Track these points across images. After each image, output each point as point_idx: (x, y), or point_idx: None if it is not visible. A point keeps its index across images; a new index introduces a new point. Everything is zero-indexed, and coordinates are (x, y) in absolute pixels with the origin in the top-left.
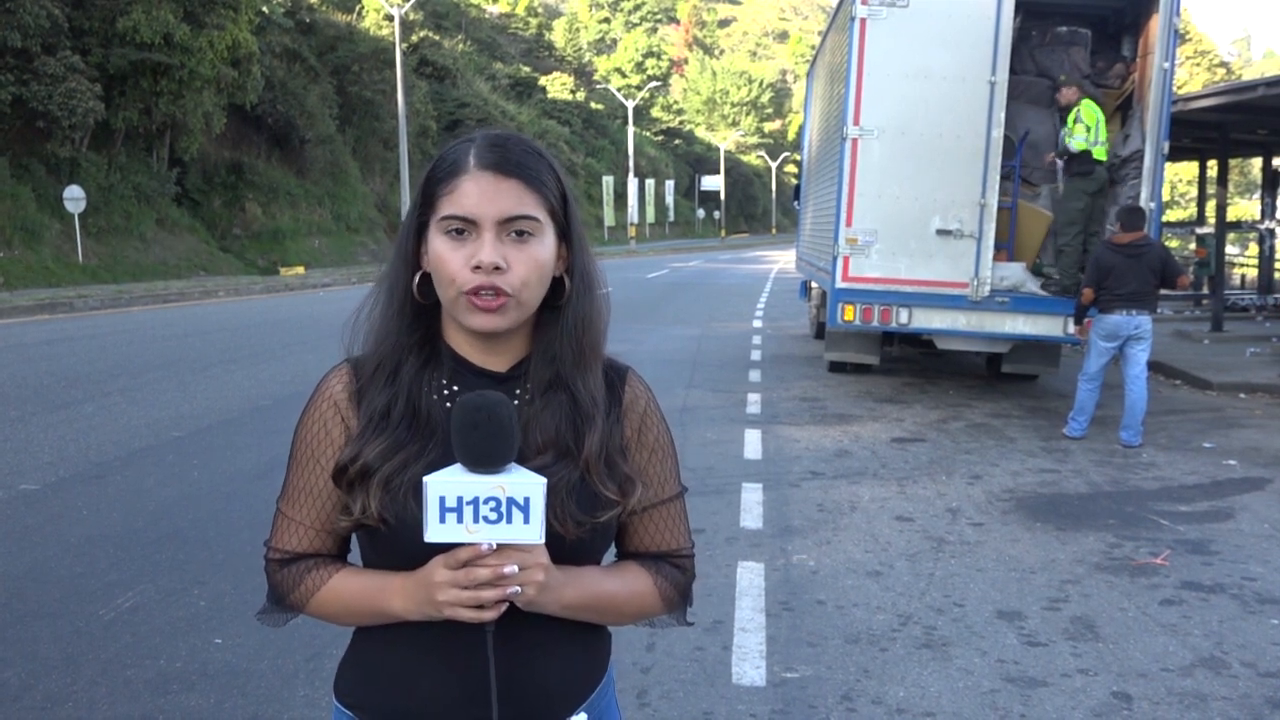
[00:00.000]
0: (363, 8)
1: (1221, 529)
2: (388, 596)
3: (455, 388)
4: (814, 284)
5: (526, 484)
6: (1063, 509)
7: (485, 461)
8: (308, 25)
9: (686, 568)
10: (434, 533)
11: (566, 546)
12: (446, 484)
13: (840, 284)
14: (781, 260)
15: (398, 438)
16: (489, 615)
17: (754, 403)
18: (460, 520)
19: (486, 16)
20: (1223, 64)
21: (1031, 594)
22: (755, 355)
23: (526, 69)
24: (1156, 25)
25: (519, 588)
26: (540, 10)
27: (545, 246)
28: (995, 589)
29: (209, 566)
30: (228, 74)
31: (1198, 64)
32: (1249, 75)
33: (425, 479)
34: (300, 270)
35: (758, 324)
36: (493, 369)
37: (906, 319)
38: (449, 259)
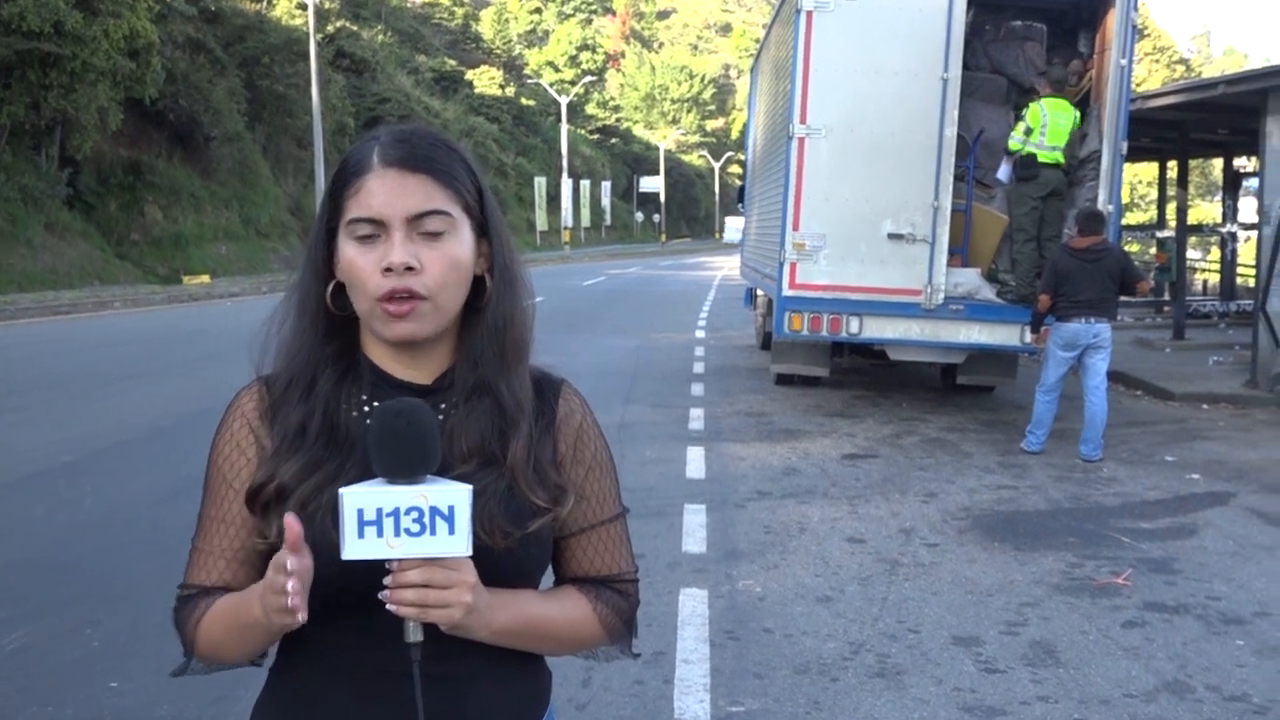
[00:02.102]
0: None
1: (1184, 546)
2: (250, 601)
3: (376, 403)
4: (760, 292)
5: (450, 492)
6: (1021, 527)
7: (406, 471)
8: (213, 14)
9: (630, 593)
10: (352, 549)
11: (497, 561)
12: (364, 496)
13: (787, 292)
14: (726, 267)
15: (314, 456)
16: (300, 618)
17: (696, 418)
18: (380, 534)
19: (408, 6)
20: (1182, 61)
21: (989, 618)
22: (698, 368)
23: (452, 62)
24: (1114, 21)
25: (445, 609)
26: (466, 0)
27: (462, 244)
28: (951, 613)
29: (104, 602)
30: (125, 66)
31: (1157, 60)
32: (1209, 72)
33: (341, 491)
34: (205, 279)
35: (700, 334)
36: (416, 381)
37: (857, 328)
38: (359, 265)
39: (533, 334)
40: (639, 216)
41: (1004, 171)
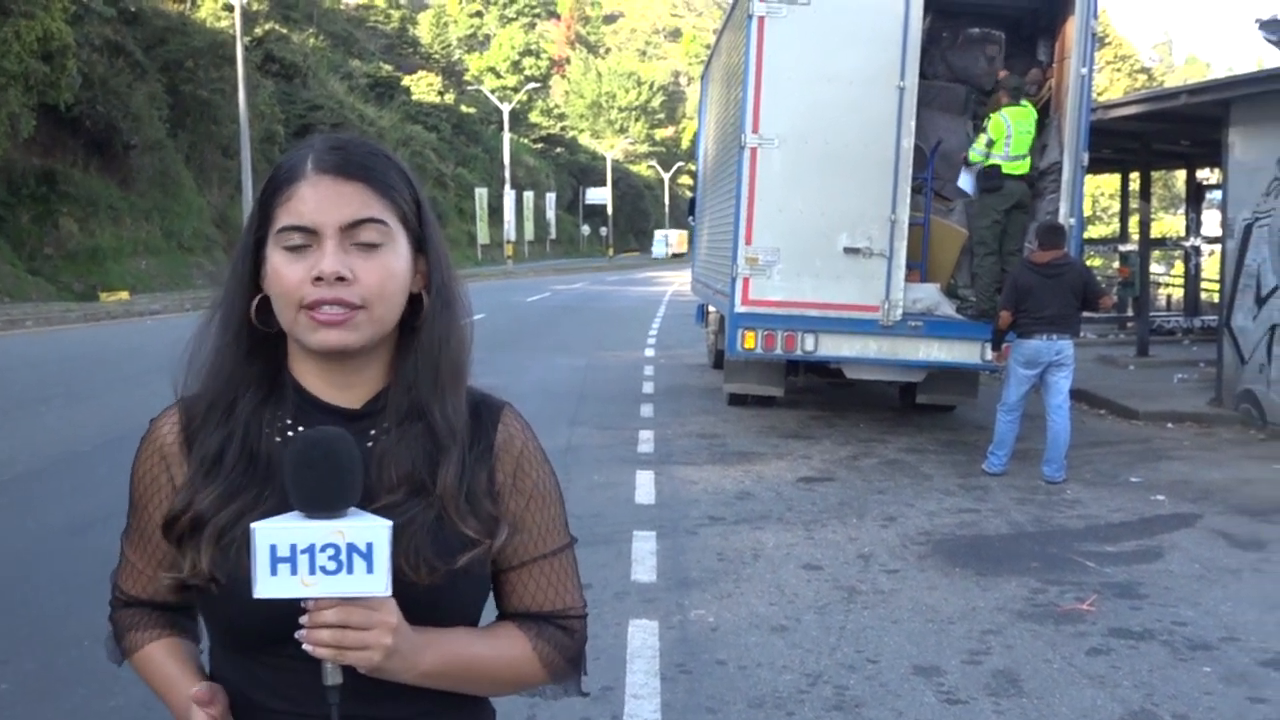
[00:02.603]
0: None
1: (1150, 570)
2: (173, 702)
3: (300, 427)
4: (711, 308)
5: (369, 528)
6: (983, 552)
7: (323, 505)
8: (133, 15)
9: (576, 630)
10: (265, 587)
11: (425, 598)
12: (278, 531)
13: (740, 308)
14: (676, 282)
15: (232, 484)
16: None
17: (646, 440)
18: (294, 572)
19: (342, 8)
20: (1144, 69)
21: (950, 646)
22: (647, 387)
23: (388, 67)
24: (1073, 28)
25: (364, 650)
26: (403, 2)
27: (398, 256)
28: (911, 642)
29: (12, 642)
30: (38, 70)
31: (1118, 69)
32: (1171, 82)
33: (253, 525)
34: (124, 295)
35: (650, 353)
36: (344, 405)
37: (812, 346)
38: (286, 273)
39: (471, 355)
40: (585, 229)
41: (966, 181)
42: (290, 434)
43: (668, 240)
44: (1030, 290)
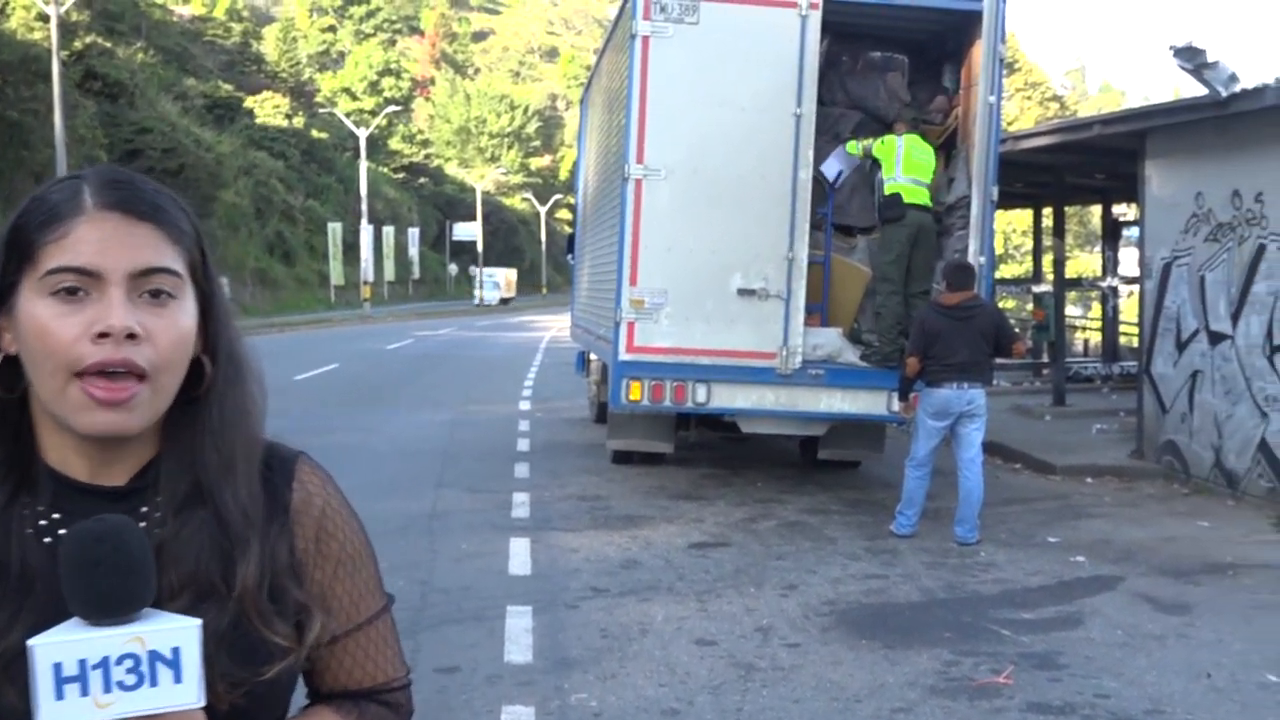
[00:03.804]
0: (8, 4)
1: (1070, 638)
2: None
3: (57, 515)
4: (593, 356)
5: (174, 631)
6: (892, 622)
7: (113, 608)
8: None
9: (400, 703)
10: (50, 713)
11: (225, 716)
12: (62, 645)
13: (624, 356)
14: (555, 326)
15: None
16: None
17: (521, 504)
18: (86, 692)
19: (175, 20)
20: (1056, 98)
21: None
22: (522, 445)
23: (228, 87)
24: (980, 53)
25: None
26: (246, 14)
27: (187, 314)
28: None
29: None
30: None
31: (1029, 97)
32: (1085, 110)
33: (30, 643)
34: None
35: (525, 405)
36: (106, 483)
37: (704, 397)
38: (57, 328)
39: (263, 428)
40: (453, 269)
41: (830, 166)
42: (45, 524)
43: (497, 282)
44: (939, 335)
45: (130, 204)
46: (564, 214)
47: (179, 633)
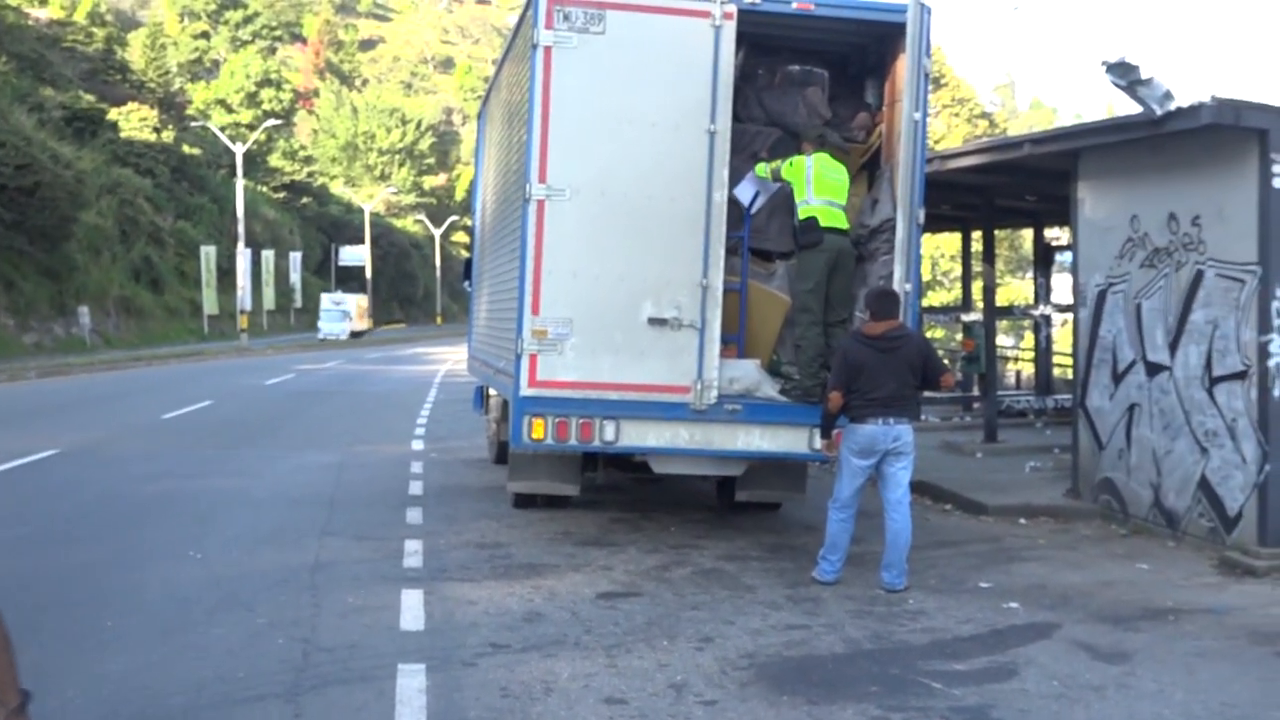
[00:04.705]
0: None
1: (1004, 690)
2: None
3: None
4: (492, 391)
5: None
6: (815, 675)
7: None
8: None
9: None
10: None
11: None
12: None
13: (526, 391)
14: (451, 359)
15: None
16: None
17: (414, 553)
18: None
19: (30, 24)
20: (985, 115)
21: None
22: (415, 488)
23: (90, 97)
24: (904, 68)
25: None
26: (110, 19)
27: None
28: None
29: None
30: None
31: (956, 114)
32: (1015, 128)
33: None
34: None
35: (418, 446)
36: None
37: (613, 435)
38: None
39: None
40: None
41: (744, 190)
42: None
43: (346, 310)
44: (862, 367)
45: None
46: (461, 237)
47: None
